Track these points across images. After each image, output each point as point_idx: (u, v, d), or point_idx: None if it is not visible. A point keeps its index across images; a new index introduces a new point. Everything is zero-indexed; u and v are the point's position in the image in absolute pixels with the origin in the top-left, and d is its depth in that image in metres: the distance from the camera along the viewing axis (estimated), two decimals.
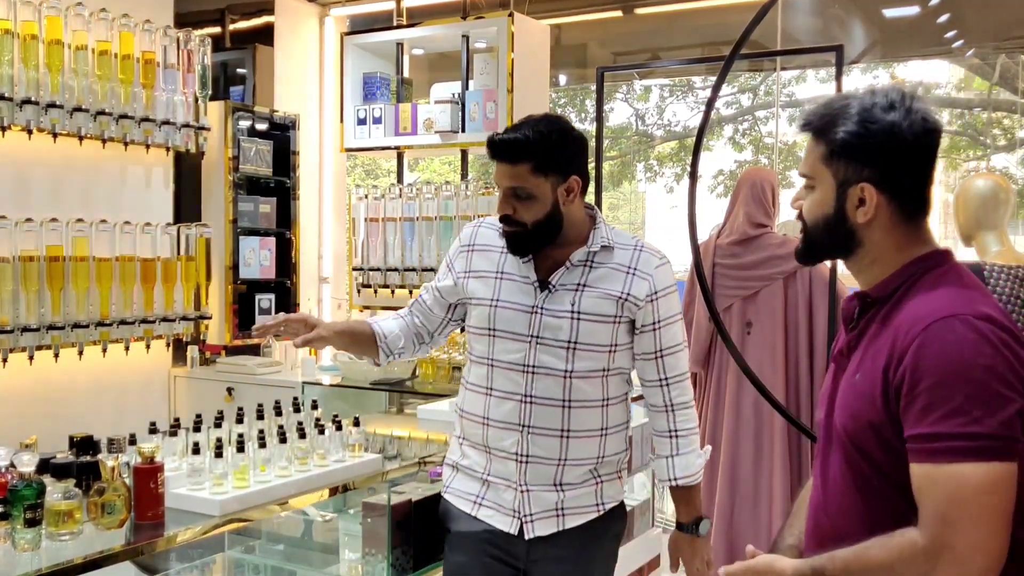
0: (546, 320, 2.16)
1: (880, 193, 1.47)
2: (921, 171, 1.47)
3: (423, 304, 2.41)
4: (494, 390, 2.20)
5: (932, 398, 1.33)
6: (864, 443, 1.44)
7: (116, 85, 3.72)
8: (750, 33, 3.41)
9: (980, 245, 3.27)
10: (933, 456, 1.33)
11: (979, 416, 1.31)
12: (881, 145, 1.45)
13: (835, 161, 1.49)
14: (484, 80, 4.47)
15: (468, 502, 2.25)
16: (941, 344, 1.35)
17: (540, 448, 2.17)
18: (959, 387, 1.32)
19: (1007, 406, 1.32)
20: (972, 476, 1.31)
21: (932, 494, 1.34)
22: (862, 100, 1.48)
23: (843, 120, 1.47)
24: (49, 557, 1.89)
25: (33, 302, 3.49)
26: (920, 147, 1.46)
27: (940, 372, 1.34)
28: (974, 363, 1.33)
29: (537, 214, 2.14)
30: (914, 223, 1.50)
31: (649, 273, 2.19)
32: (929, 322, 1.37)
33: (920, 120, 1.45)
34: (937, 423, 1.33)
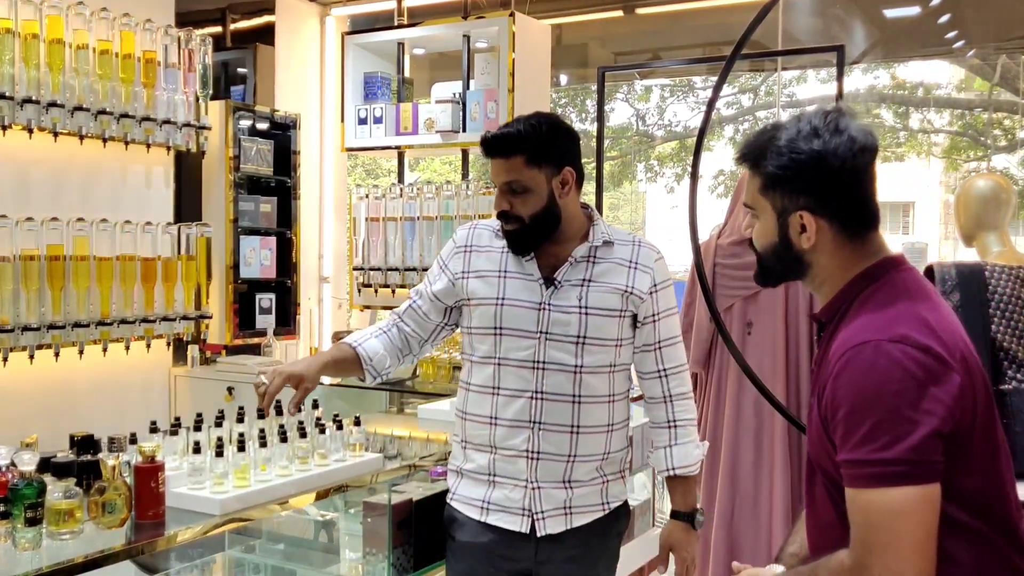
0: (554, 316, 2.18)
1: (819, 218, 1.48)
2: (857, 190, 1.48)
3: (416, 311, 2.37)
4: (502, 389, 2.21)
5: (847, 426, 1.36)
6: (827, 469, 1.47)
7: (117, 84, 3.72)
8: (751, 33, 3.41)
9: (981, 246, 3.27)
10: (852, 481, 1.37)
11: (887, 443, 1.32)
12: (811, 173, 1.46)
13: (771, 192, 1.52)
14: (485, 80, 4.47)
15: (476, 508, 2.25)
16: (852, 372, 1.37)
17: (551, 444, 2.18)
18: (867, 414, 1.34)
19: (917, 430, 1.32)
20: (881, 502, 1.33)
21: (853, 519, 1.37)
22: (788, 130, 1.49)
23: (771, 153, 1.49)
24: (50, 556, 1.89)
25: (34, 301, 3.49)
26: (850, 169, 1.46)
27: (851, 400, 1.36)
28: (881, 390, 1.34)
29: (534, 207, 2.16)
30: (860, 239, 1.51)
31: (650, 267, 2.24)
32: (845, 350, 1.39)
33: (847, 141, 1.45)
34: (852, 450, 1.36)
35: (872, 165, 1.49)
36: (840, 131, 1.46)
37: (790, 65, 5.65)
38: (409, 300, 2.40)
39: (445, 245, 2.39)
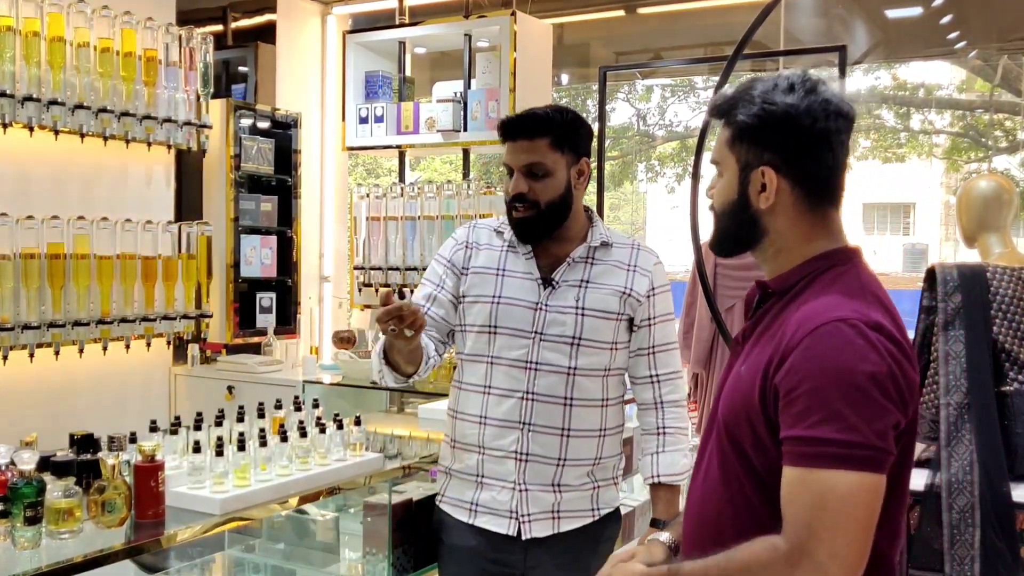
0: (550, 316, 2.16)
1: (782, 178, 1.42)
2: (824, 156, 1.41)
3: (435, 318, 2.25)
4: (493, 388, 2.18)
5: (811, 401, 1.29)
6: (739, 436, 1.41)
7: (118, 82, 3.71)
8: (753, 33, 3.40)
9: (983, 247, 3.26)
10: (805, 460, 1.29)
11: (856, 423, 1.27)
12: (780, 127, 1.40)
13: (737, 144, 1.45)
14: (486, 79, 4.46)
15: (463, 510, 2.23)
16: (827, 347, 1.30)
17: (540, 446, 2.16)
18: (839, 392, 1.28)
19: (884, 417, 1.29)
20: (840, 484, 1.27)
21: (799, 499, 1.30)
22: (764, 83, 1.44)
23: (744, 103, 1.44)
24: (49, 555, 1.89)
25: (34, 300, 3.48)
26: (821, 130, 1.39)
27: (822, 376, 1.29)
28: (857, 369, 1.28)
29: (552, 194, 2.15)
30: (820, 213, 1.44)
31: (649, 270, 2.23)
32: (818, 324, 1.32)
33: (821, 103, 1.39)
34: (814, 427, 1.28)
35: (845, 135, 1.42)
36: (816, 92, 1.40)
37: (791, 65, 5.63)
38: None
39: (444, 244, 2.35)
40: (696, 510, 1.52)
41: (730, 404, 1.45)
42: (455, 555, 2.24)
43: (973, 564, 2.63)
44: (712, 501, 1.47)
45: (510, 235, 2.26)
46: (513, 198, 2.17)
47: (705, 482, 1.50)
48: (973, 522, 2.62)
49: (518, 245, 2.24)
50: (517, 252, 2.24)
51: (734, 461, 1.42)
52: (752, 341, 1.48)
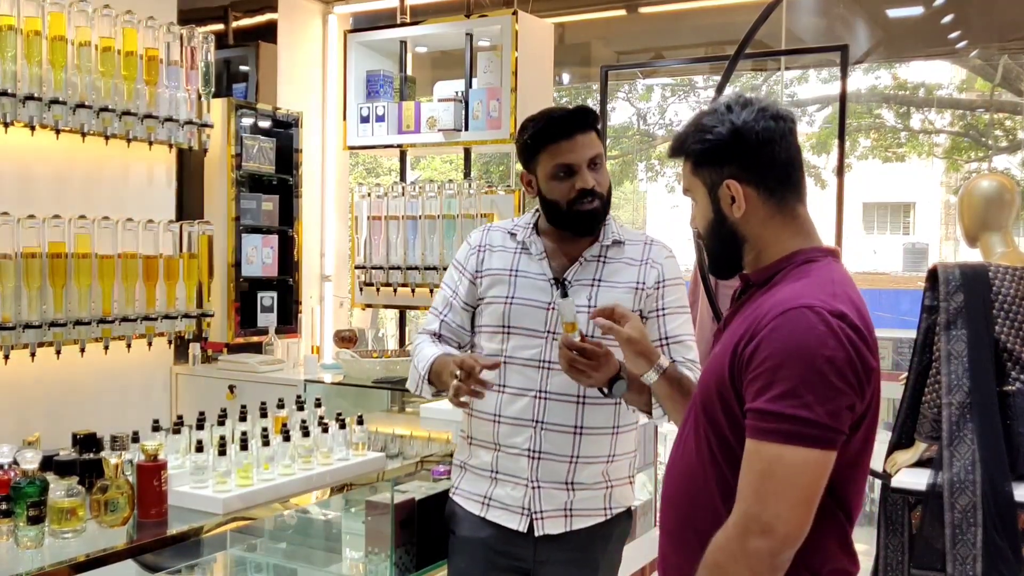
0: None
1: (745, 185, 1.56)
2: (776, 156, 1.56)
3: (451, 324, 2.32)
4: (507, 387, 2.21)
5: (772, 378, 1.41)
6: (712, 411, 1.53)
7: (119, 82, 3.71)
8: (755, 32, 3.40)
9: (985, 246, 3.26)
10: (760, 433, 1.42)
11: (810, 401, 1.39)
12: (729, 143, 1.56)
13: (700, 170, 1.61)
14: (488, 78, 4.46)
15: (476, 503, 2.25)
16: (790, 329, 1.42)
17: (553, 444, 2.18)
18: (797, 371, 1.40)
19: (838, 398, 1.40)
20: (787, 457, 1.39)
21: (751, 467, 1.43)
22: (707, 113, 1.61)
23: (693, 134, 1.61)
24: (52, 555, 1.88)
25: (35, 299, 3.48)
26: (765, 136, 1.54)
27: (783, 354, 1.41)
28: (816, 352, 1.40)
29: (607, 180, 2.21)
30: (789, 211, 1.58)
31: (659, 263, 2.24)
32: (786, 308, 1.45)
33: (757, 112, 1.55)
34: (771, 402, 1.41)
35: (789, 134, 1.57)
36: (749, 105, 1.57)
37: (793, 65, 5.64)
38: (437, 317, 2.34)
39: (460, 249, 2.38)
40: (672, 488, 1.65)
41: (704, 382, 1.59)
42: (465, 546, 2.26)
43: (975, 563, 2.63)
44: (687, 476, 1.60)
45: (522, 236, 2.28)
46: (582, 193, 2.16)
47: (682, 460, 1.63)
48: (975, 521, 2.62)
49: (530, 246, 2.26)
50: (530, 253, 2.26)
51: (709, 436, 1.55)
52: (731, 327, 1.60)
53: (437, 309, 2.35)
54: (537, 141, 2.19)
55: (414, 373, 2.29)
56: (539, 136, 2.18)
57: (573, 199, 2.17)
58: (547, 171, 2.18)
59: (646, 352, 1.90)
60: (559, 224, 2.23)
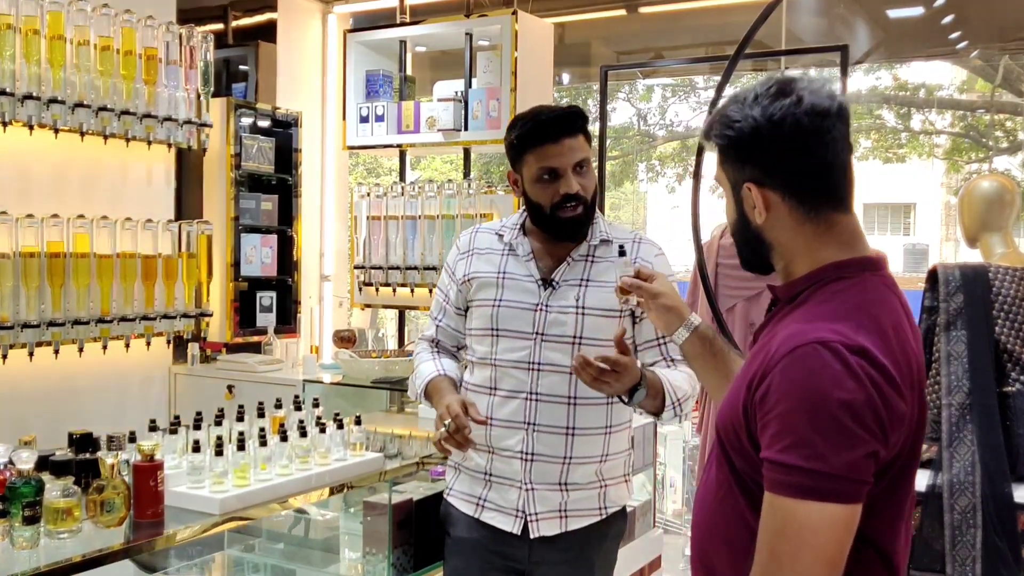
0: (551, 317, 2.17)
1: (768, 190, 1.37)
2: (806, 160, 1.34)
3: (447, 329, 2.36)
4: (498, 390, 2.20)
5: (783, 425, 1.25)
6: (727, 440, 1.39)
7: (118, 81, 3.70)
8: (755, 32, 3.39)
9: (985, 247, 3.25)
10: (774, 486, 1.26)
11: (824, 452, 1.22)
12: (749, 142, 1.36)
13: (724, 165, 1.43)
14: (487, 78, 4.45)
15: (470, 504, 2.25)
16: (801, 370, 1.25)
17: (545, 446, 2.17)
18: (809, 418, 1.23)
19: (857, 447, 1.23)
20: (802, 514, 1.23)
21: (766, 524, 1.28)
22: (734, 98, 1.40)
23: (717, 123, 1.41)
24: (48, 555, 1.88)
25: (33, 298, 3.47)
26: (793, 134, 1.33)
27: (794, 399, 1.25)
28: (830, 395, 1.22)
29: (593, 185, 2.19)
30: (823, 219, 1.37)
31: (649, 261, 2.21)
32: (796, 344, 1.27)
33: (790, 104, 1.33)
34: (783, 452, 1.25)
35: (826, 132, 1.34)
36: (783, 94, 1.34)
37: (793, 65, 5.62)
38: (435, 322, 2.38)
39: (450, 251, 2.38)
40: (698, 515, 1.51)
41: (723, 409, 1.43)
42: (461, 547, 2.25)
43: (975, 565, 2.62)
44: (710, 505, 1.46)
45: (509, 237, 2.27)
46: (566, 198, 2.14)
47: (705, 485, 1.48)
48: (975, 523, 2.61)
49: (517, 247, 2.25)
50: (517, 255, 2.25)
51: (726, 466, 1.40)
52: (756, 346, 1.44)
53: (433, 314, 2.39)
54: (523, 142, 2.16)
55: (412, 386, 2.35)
56: (525, 138, 2.16)
57: (557, 203, 2.15)
58: (532, 173, 2.16)
59: (676, 307, 1.78)
60: (542, 227, 2.22)
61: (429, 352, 2.37)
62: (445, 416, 2.08)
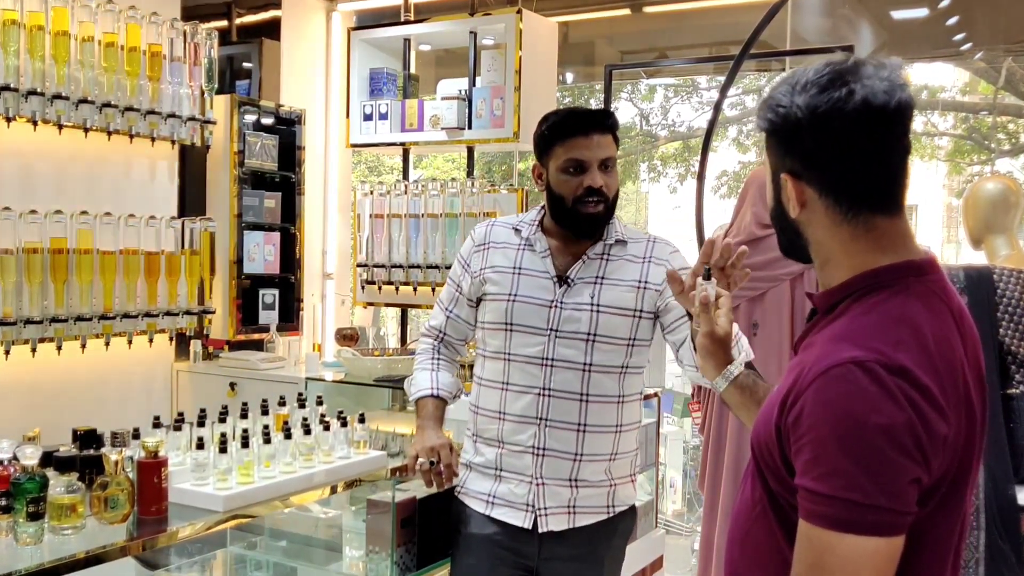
0: (565, 314, 2.18)
1: (804, 185, 1.29)
2: (851, 161, 1.24)
3: (456, 320, 2.40)
4: (510, 384, 2.22)
5: (817, 452, 1.17)
6: (761, 458, 1.31)
7: (122, 77, 3.70)
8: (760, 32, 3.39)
9: (989, 249, 3.25)
10: (809, 516, 1.18)
11: (862, 482, 1.13)
12: (792, 132, 1.27)
13: (768, 149, 1.35)
14: (491, 77, 4.45)
15: (481, 502, 2.26)
16: (835, 394, 1.16)
17: (556, 441, 2.18)
18: (844, 447, 1.14)
19: (898, 475, 1.14)
20: (841, 548, 1.15)
21: (801, 555, 1.20)
22: (786, 79, 1.30)
23: (763, 107, 1.32)
24: (51, 551, 1.87)
25: (36, 294, 3.47)
26: (839, 131, 1.23)
27: (828, 425, 1.16)
28: (866, 421, 1.13)
29: (616, 185, 2.21)
30: (863, 222, 1.27)
31: (664, 259, 2.24)
32: (831, 364, 1.18)
33: (841, 98, 1.22)
34: (818, 480, 1.16)
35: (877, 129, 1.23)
36: (836, 84, 1.23)
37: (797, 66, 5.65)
38: (444, 312, 2.42)
39: (464, 244, 2.40)
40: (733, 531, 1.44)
41: (758, 426, 1.34)
42: (471, 543, 2.27)
43: (978, 567, 2.62)
44: (744, 523, 1.39)
45: (527, 232, 2.29)
46: (589, 192, 2.17)
47: (742, 501, 1.42)
48: (978, 524, 2.61)
49: (535, 243, 2.26)
50: (534, 250, 2.26)
51: (760, 485, 1.33)
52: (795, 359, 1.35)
53: (443, 303, 2.42)
54: (554, 133, 2.20)
55: (410, 388, 2.44)
56: (556, 128, 2.20)
57: (579, 196, 2.17)
58: (559, 164, 2.19)
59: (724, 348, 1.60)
60: (561, 221, 2.23)
61: (430, 357, 2.42)
62: (424, 455, 2.22)
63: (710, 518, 3.83)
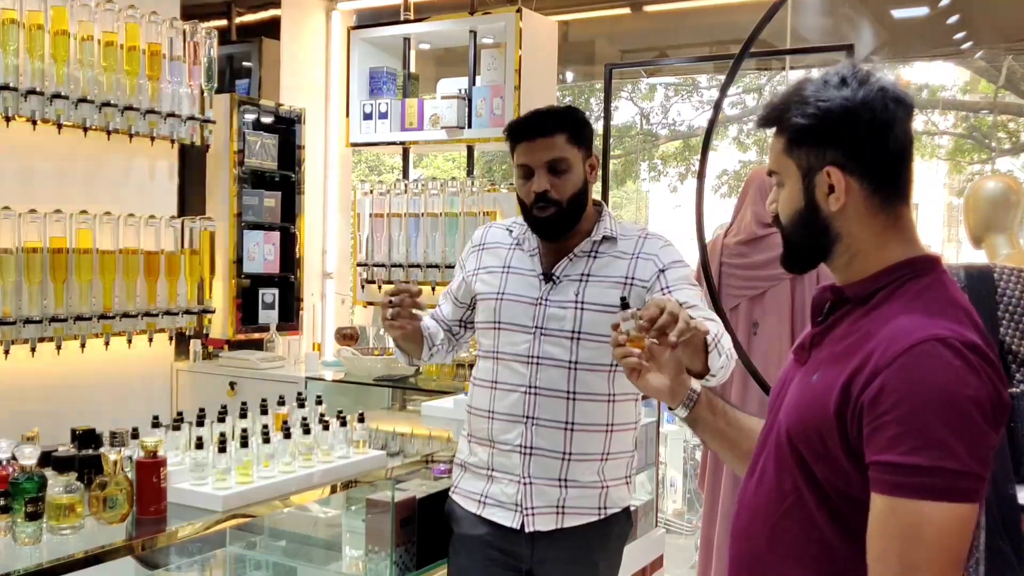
0: (550, 311, 2.18)
1: (848, 175, 1.35)
2: (889, 146, 1.34)
3: (437, 315, 2.47)
4: (499, 383, 2.22)
5: (908, 426, 1.21)
6: (805, 448, 1.34)
7: (122, 77, 3.70)
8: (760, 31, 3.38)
9: (990, 248, 3.25)
10: (898, 489, 1.21)
11: (958, 451, 1.19)
12: (838, 123, 1.34)
13: (796, 150, 1.39)
14: (491, 76, 4.44)
15: (473, 502, 2.26)
16: (925, 369, 1.22)
17: (544, 440, 2.17)
18: (940, 418, 1.20)
19: (985, 442, 1.22)
20: (937, 517, 1.20)
21: (888, 530, 1.23)
22: (813, 83, 1.38)
23: (796, 105, 1.37)
24: (50, 551, 1.87)
25: (36, 294, 3.47)
26: (881, 121, 1.33)
27: (921, 399, 1.21)
28: (959, 393, 1.20)
29: (573, 188, 2.17)
30: (892, 212, 1.37)
31: (653, 254, 2.21)
32: (913, 342, 1.24)
33: (877, 91, 1.33)
34: (909, 454, 1.20)
35: (906, 121, 1.35)
36: (869, 82, 1.34)
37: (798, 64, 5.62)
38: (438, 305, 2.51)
39: (467, 245, 2.45)
40: (753, 527, 1.44)
41: (798, 415, 1.37)
42: (464, 544, 2.27)
43: (978, 567, 2.61)
44: (768, 518, 1.40)
45: (518, 232, 2.30)
46: (537, 197, 2.17)
47: (757, 495, 1.43)
48: (979, 524, 2.60)
49: (524, 242, 2.27)
50: (523, 249, 2.27)
51: (795, 472, 1.36)
52: (825, 349, 1.40)
53: (439, 301, 2.51)
54: (510, 138, 2.24)
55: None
56: (509, 134, 2.23)
57: (531, 203, 2.19)
58: (516, 171, 2.24)
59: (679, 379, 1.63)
60: (527, 223, 2.27)
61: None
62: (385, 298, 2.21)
63: (710, 518, 3.83)
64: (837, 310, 1.42)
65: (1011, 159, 12.90)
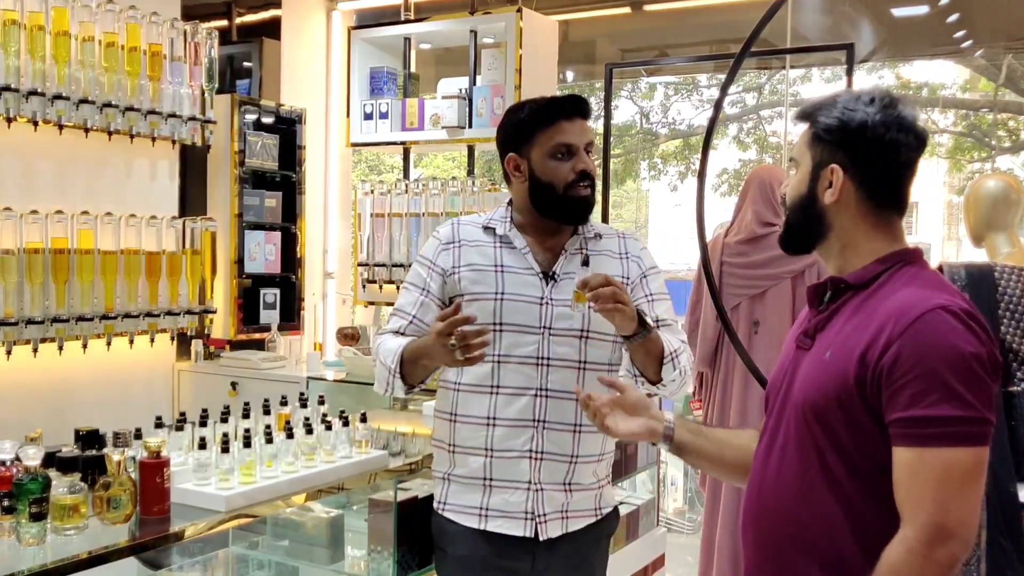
0: (557, 310, 2.13)
1: (848, 178, 1.56)
2: (891, 166, 1.55)
3: (419, 325, 2.20)
4: (502, 387, 2.13)
5: (927, 383, 1.40)
6: (828, 417, 1.50)
7: (122, 77, 3.70)
8: (760, 30, 3.39)
9: (991, 246, 3.25)
10: (922, 440, 1.40)
11: (972, 400, 1.39)
12: (853, 132, 1.55)
13: (815, 144, 1.60)
14: (492, 75, 4.45)
15: (472, 516, 2.16)
16: (935, 332, 1.42)
17: (554, 444, 2.13)
18: (954, 373, 1.40)
19: (989, 391, 1.42)
20: (963, 459, 1.39)
21: (920, 476, 1.41)
22: (849, 94, 1.60)
23: (828, 108, 1.59)
24: (54, 551, 1.87)
25: (37, 294, 3.47)
26: (891, 143, 1.53)
27: (934, 358, 1.40)
28: (966, 351, 1.40)
29: (596, 173, 2.20)
30: (884, 217, 1.58)
31: (637, 255, 2.27)
32: (922, 311, 1.44)
33: (896, 118, 1.54)
34: (931, 407, 1.39)
35: (914, 152, 1.56)
36: (893, 107, 1.54)
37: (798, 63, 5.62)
38: (405, 318, 2.22)
39: (426, 245, 2.28)
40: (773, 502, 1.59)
41: (818, 388, 1.53)
42: (461, 565, 2.19)
43: (979, 565, 2.61)
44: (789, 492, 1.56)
45: (503, 230, 2.21)
46: (581, 176, 2.14)
47: (779, 474, 1.58)
48: (980, 522, 2.61)
49: (513, 240, 2.20)
50: (513, 247, 2.19)
51: (822, 441, 1.51)
52: (831, 332, 1.57)
53: (404, 311, 2.22)
54: (537, 119, 2.14)
55: (381, 371, 2.18)
56: (540, 114, 2.14)
57: (571, 181, 2.13)
58: (546, 150, 2.13)
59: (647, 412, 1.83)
60: (549, 210, 2.16)
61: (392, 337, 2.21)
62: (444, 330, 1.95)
63: (712, 517, 3.83)
64: (837, 299, 1.61)
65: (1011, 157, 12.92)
